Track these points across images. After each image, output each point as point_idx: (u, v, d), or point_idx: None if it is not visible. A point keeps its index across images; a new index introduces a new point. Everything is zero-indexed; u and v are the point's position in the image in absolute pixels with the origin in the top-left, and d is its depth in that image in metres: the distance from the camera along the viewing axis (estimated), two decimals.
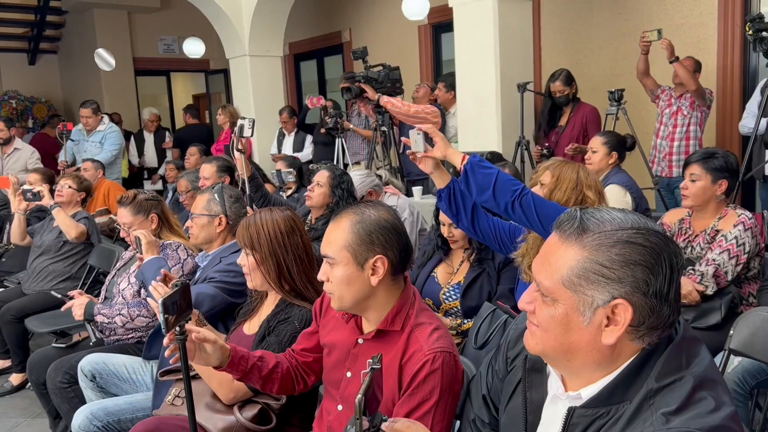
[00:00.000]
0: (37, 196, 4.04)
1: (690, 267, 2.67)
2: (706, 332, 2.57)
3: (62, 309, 2.89)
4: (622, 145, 3.68)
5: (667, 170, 4.67)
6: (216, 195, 2.71)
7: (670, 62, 4.46)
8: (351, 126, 5.86)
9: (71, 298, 2.90)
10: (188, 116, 8.06)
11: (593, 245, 1.04)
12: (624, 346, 1.06)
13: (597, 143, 3.67)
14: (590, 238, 1.04)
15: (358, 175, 3.91)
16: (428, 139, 2.19)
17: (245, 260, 2.08)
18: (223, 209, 2.68)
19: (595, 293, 1.03)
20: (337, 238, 1.55)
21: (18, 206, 4.16)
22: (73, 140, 6.18)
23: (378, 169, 4.88)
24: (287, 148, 6.68)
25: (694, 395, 1.01)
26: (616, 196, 3.40)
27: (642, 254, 1.02)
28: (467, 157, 2.14)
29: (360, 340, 1.64)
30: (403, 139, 2.43)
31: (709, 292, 2.62)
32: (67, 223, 3.88)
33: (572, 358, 1.09)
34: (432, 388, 1.46)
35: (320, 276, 1.60)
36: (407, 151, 2.25)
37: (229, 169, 4.05)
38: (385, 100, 4.82)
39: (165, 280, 1.99)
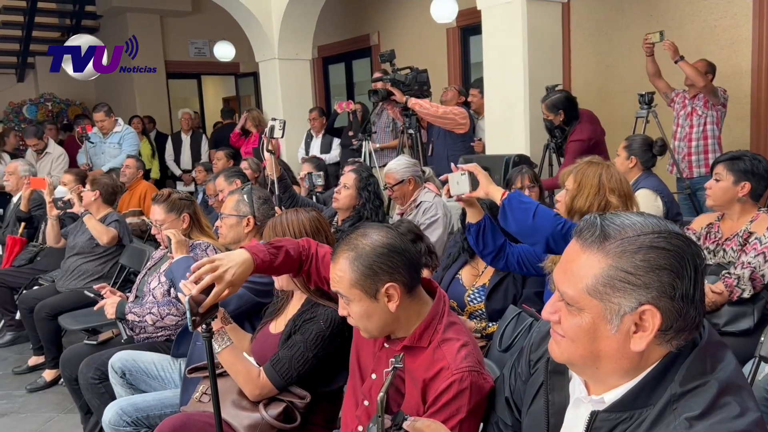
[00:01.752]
0: (68, 204, 4.13)
1: (725, 271, 2.63)
2: (737, 338, 2.53)
3: (95, 308, 2.95)
4: (646, 149, 3.58)
5: (687, 171, 4.60)
6: (245, 196, 2.75)
7: (675, 62, 4.41)
8: (377, 146, 5.74)
9: (101, 296, 2.97)
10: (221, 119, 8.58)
11: (616, 252, 1.03)
12: (651, 352, 1.06)
13: (620, 147, 3.63)
14: (613, 244, 1.04)
15: (404, 159, 3.88)
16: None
17: None
18: (252, 210, 2.72)
19: (621, 300, 1.02)
20: (342, 279, 1.53)
21: (51, 212, 4.26)
22: (92, 142, 6.29)
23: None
24: (315, 150, 6.71)
25: (719, 400, 1.00)
26: (647, 200, 3.34)
27: (666, 258, 1.01)
28: (507, 192, 2.16)
29: (386, 344, 1.64)
30: (441, 177, 2.45)
31: (746, 295, 2.57)
32: (98, 229, 3.95)
33: (600, 365, 1.08)
34: (460, 406, 1.44)
35: (340, 312, 1.59)
36: (442, 191, 2.26)
37: (237, 174, 4.27)
38: (414, 102, 4.82)
39: None
